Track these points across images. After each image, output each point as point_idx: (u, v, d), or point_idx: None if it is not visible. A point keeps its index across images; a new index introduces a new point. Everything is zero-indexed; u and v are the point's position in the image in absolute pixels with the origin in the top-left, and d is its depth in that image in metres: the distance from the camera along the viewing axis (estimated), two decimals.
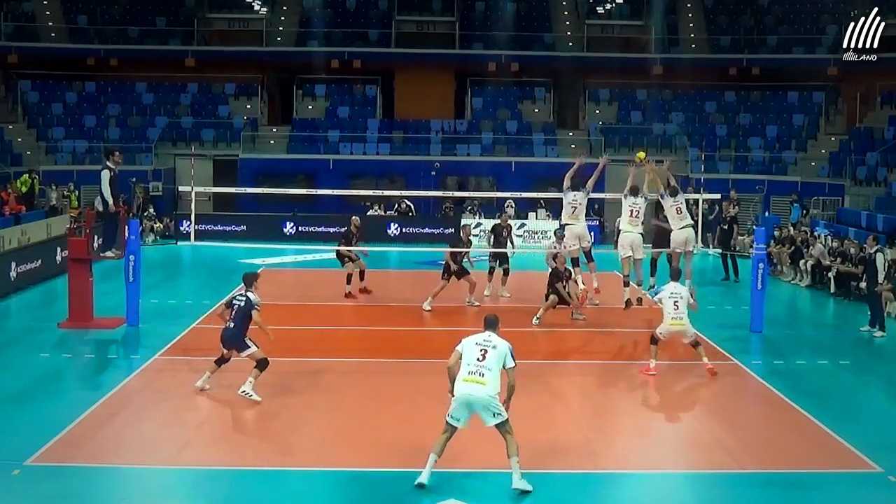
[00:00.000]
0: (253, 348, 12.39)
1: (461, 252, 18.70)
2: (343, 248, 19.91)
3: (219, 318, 12.93)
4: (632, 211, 17.41)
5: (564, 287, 17.06)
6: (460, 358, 9.45)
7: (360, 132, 36.10)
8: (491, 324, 9.70)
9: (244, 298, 12.48)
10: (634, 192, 17.49)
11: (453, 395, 9.43)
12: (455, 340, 9.68)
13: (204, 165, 33.52)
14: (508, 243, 19.96)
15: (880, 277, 17.40)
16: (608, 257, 19.70)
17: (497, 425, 9.31)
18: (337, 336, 16.69)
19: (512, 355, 9.38)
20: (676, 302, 13.71)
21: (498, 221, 20.73)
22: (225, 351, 12.65)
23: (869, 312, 17.48)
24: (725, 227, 23.75)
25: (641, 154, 18.78)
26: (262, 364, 12.27)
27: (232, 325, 12.40)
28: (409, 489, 9.47)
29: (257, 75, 38.21)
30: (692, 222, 18.00)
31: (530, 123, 36.99)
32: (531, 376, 13.86)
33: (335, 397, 12.77)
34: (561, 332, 16.92)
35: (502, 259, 19.84)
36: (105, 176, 16.54)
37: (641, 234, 17.66)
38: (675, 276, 14.45)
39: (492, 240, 20.34)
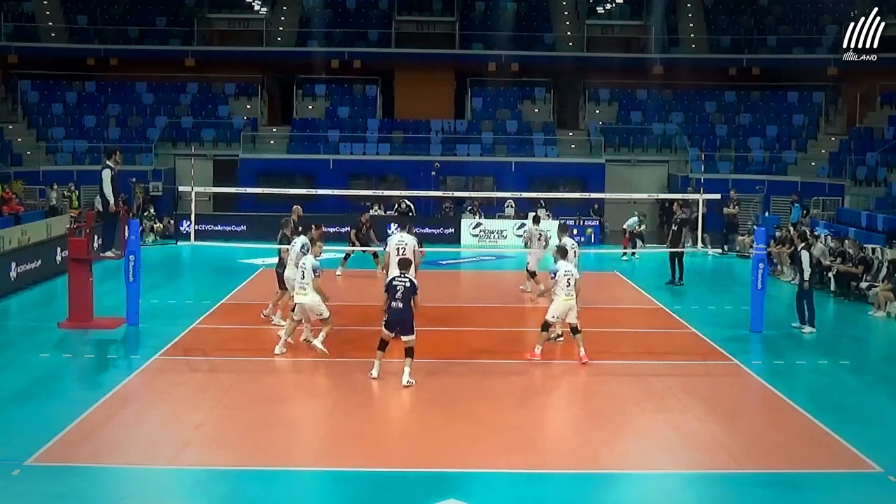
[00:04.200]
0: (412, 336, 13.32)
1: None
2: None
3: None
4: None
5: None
6: (293, 276, 14.79)
7: (360, 132, 36.08)
8: (304, 245, 15.15)
9: (407, 280, 13.37)
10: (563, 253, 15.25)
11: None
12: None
13: (204, 165, 33.55)
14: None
15: (806, 275, 17.23)
16: (611, 257, 19.78)
17: (322, 319, 14.52)
18: (335, 336, 16.64)
19: (313, 268, 14.29)
20: (569, 279, 14.45)
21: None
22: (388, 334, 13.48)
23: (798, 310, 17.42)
24: (675, 227, 22.67)
25: None
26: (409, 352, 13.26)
27: (401, 305, 13.23)
28: (409, 489, 9.48)
29: (257, 75, 38.20)
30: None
31: (530, 123, 36.96)
32: (531, 376, 13.93)
33: (334, 397, 12.77)
34: None
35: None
36: (106, 175, 16.55)
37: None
38: (563, 255, 14.97)
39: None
